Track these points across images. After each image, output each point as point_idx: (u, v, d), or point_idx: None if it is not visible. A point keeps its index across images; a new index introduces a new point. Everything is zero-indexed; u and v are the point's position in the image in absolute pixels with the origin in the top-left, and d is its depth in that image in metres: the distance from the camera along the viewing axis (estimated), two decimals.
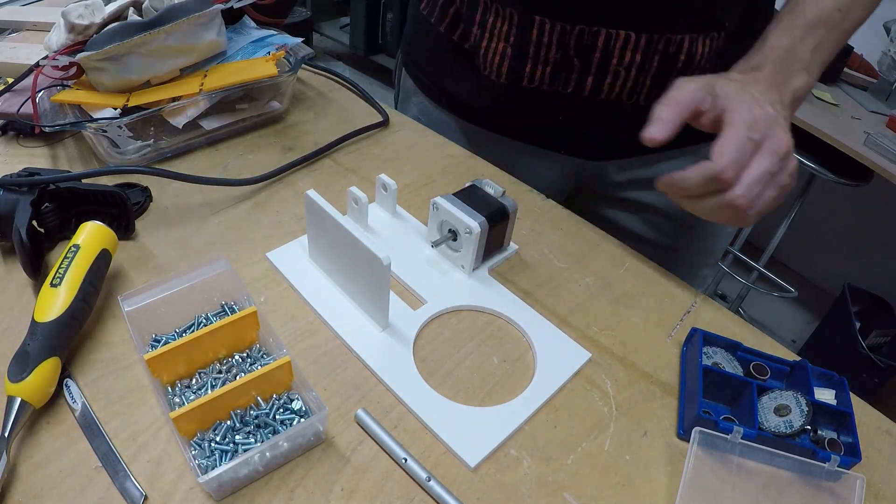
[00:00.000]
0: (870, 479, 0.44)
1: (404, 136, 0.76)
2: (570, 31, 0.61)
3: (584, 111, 0.67)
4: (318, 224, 0.52)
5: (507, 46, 0.64)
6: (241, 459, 0.37)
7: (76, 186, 0.54)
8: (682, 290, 0.59)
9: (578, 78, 0.64)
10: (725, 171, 0.47)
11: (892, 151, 1.46)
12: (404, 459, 0.42)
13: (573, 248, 0.62)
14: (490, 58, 0.66)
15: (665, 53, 0.61)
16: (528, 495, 0.41)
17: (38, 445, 0.41)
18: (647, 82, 0.64)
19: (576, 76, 0.64)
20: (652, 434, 0.46)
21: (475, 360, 0.50)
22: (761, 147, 0.48)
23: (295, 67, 0.71)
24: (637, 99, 0.65)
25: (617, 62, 0.62)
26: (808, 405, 0.45)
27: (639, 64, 0.62)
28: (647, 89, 0.64)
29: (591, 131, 0.70)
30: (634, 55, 0.61)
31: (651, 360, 0.51)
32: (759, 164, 0.48)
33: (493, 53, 0.66)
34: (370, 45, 2.85)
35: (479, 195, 0.57)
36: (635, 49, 0.61)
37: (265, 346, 0.47)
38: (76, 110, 0.64)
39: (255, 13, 0.79)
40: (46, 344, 0.42)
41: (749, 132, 0.48)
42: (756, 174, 0.47)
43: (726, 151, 0.47)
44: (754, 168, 0.48)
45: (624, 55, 0.61)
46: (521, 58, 0.64)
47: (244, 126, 0.72)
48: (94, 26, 0.63)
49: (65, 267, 0.46)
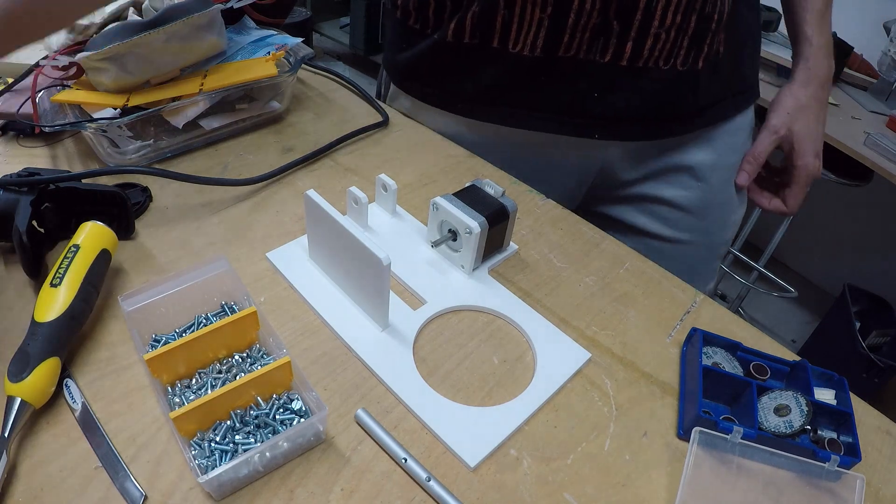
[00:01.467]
0: (870, 479, 0.44)
1: (404, 136, 0.76)
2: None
3: (619, 81, 0.66)
4: (318, 224, 0.52)
5: (544, 17, 0.62)
6: (241, 459, 0.37)
7: (76, 186, 0.54)
8: (682, 290, 0.59)
9: (617, 44, 0.63)
10: (792, 211, 0.76)
11: (892, 151, 1.46)
12: (404, 459, 0.42)
13: (573, 248, 0.62)
14: (524, 32, 0.63)
15: (701, 13, 0.62)
16: (527, 495, 0.41)
17: (38, 445, 0.41)
18: (685, 44, 0.64)
19: (615, 42, 0.63)
20: (652, 434, 0.46)
21: (475, 360, 0.50)
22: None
23: (295, 67, 0.71)
24: (674, 62, 0.65)
25: (658, 24, 0.62)
26: (808, 405, 0.45)
27: (678, 24, 0.62)
28: (685, 51, 0.64)
29: (626, 104, 0.68)
30: (676, 16, 0.61)
31: (651, 360, 0.51)
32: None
33: (528, 27, 0.63)
34: (370, 45, 2.85)
35: (479, 195, 0.57)
36: (676, 9, 0.61)
37: (265, 346, 0.47)
38: (76, 110, 0.64)
39: (255, 13, 0.79)
40: (46, 344, 0.42)
41: (810, 181, 0.74)
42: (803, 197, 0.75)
43: (795, 203, 0.75)
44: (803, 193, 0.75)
45: (666, 16, 0.61)
46: (558, 28, 0.63)
47: (244, 126, 0.72)
48: (94, 26, 0.63)
49: (65, 267, 0.46)
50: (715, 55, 0.66)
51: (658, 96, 0.67)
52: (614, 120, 0.69)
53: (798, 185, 0.73)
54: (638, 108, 0.68)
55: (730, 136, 0.75)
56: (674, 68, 0.65)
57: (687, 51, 0.64)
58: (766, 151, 0.74)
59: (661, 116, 0.69)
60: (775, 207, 0.76)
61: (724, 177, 0.76)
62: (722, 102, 0.72)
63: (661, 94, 0.67)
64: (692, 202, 0.76)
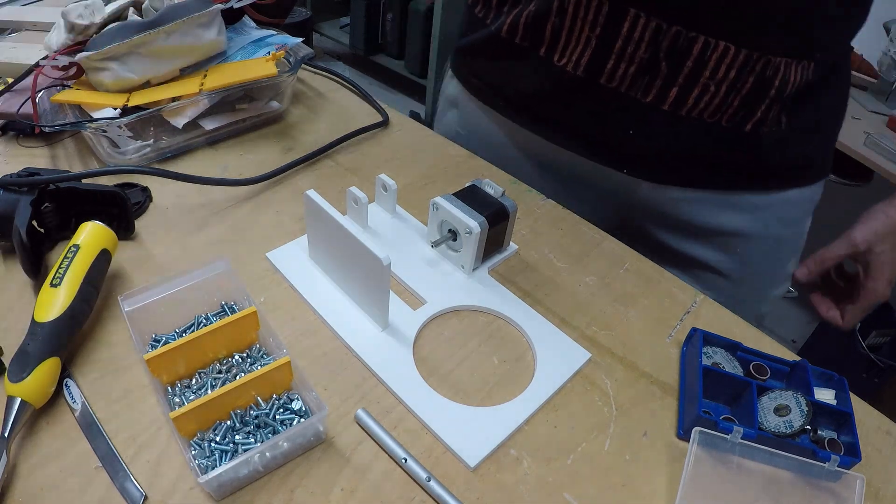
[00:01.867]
0: (870, 479, 0.44)
1: (404, 136, 0.76)
2: (666, 32, 0.57)
3: (659, 124, 0.62)
4: (318, 224, 0.52)
5: (592, 37, 0.60)
6: (241, 459, 0.37)
7: (76, 186, 0.54)
8: (682, 290, 0.59)
9: (663, 85, 0.60)
10: (846, 328, 0.66)
11: (892, 151, 1.45)
12: (404, 459, 0.42)
13: (573, 248, 0.62)
14: (571, 46, 0.62)
15: (761, 75, 0.57)
16: (527, 495, 0.41)
17: (38, 445, 0.41)
18: (735, 103, 0.59)
19: (660, 83, 0.60)
20: (652, 434, 0.46)
21: (475, 360, 0.50)
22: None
23: (295, 67, 0.71)
24: (720, 118, 0.61)
25: (710, 75, 0.58)
26: (808, 405, 0.45)
27: (731, 80, 0.58)
28: (734, 110, 0.60)
29: (663, 147, 0.65)
30: (730, 71, 0.57)
31: (651, 360, 0.51)
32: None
33: (576, 42, 0.61)
34: (370, 45, 2.85)
35: (479, 195, 0.57)
36: (732, 64, 0.57)
37: (265, 346, 0.47)
38: (76, 110, 0.64)
39: (255, 13, 0.79)
40: (46, 344, 0.42)
41: (875, 305, 0.65)
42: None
43: (851, 321, 0.66)
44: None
45: (719, 68, 0.57)
46: (604, 51, 0.60)
47: (244, 126, 0.72)
48: (94, 26, 0.63)
49: (65, 267, 0.46)
50: (774, 123, 0.61)
51: (698, 148, 0.64)
52: (646, 159, 0.67)
53: (861, 306, 0.66)
54: (674, 154, 0.65)
55: (782, 208, 0.69)
56: (718, 124, 0.61)
57: (736, 110, 0.60)
58: (836, 259, 0.67)
59: (698, 167, 0.66)
60: (831, 318, 0.69)
61: (766, 248, 0.71)
62: (777, 173, 0.67)
63: (701, 146, 0.63)
64: (724, 266, 0.72)
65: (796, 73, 0.58)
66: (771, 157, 0.65)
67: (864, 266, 0.67)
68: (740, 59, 0.57)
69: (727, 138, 0.62)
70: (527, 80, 0.68)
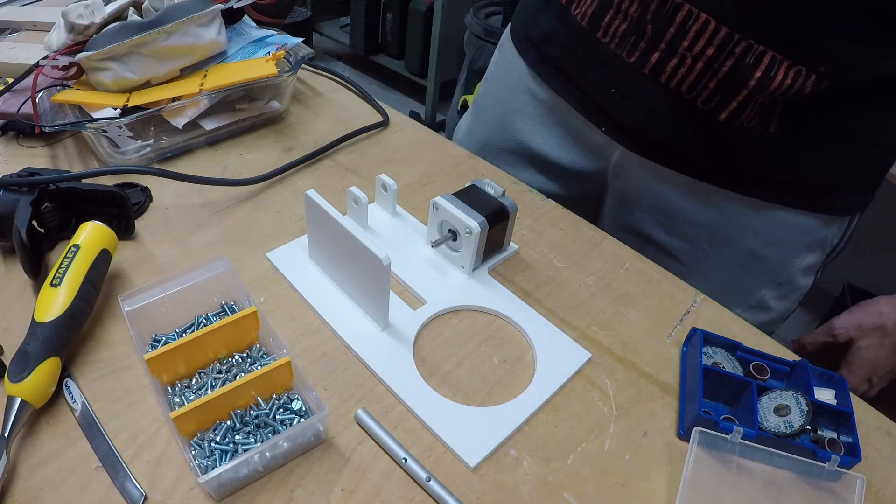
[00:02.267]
0: (870, 479, 0.44)
1: (404, 136, 0.76)
2: None
3: (639, 86, 0.62)
4: (318, 224, 0.52)
5: None
6: (241, 459, 0.37)
7: (76, 186, 0.54)
8: (682, 290, 0.59)
9: (646, 49, 0.59)
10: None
11: None
12: (404, 459, 0.42)
13: (573, 248, 0.62)
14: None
15: (740, 60, 0.55)
16: (527, 495, 0.41)
17: (38, 445, 0.41)
18: (711, 85, 0.57)
19: (643, 46, 0.59)
20: (652, 434, 0.46)
21: (475, 360, 0.50)
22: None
23: (295, 67, 0.71)
24: (695, 97, 0.59)
25: (688, 46, 0.56)
26: (808, 405, 0.45)
27: (708, 58, 0.56)
28: (710, 92, 0.58)
29: (639, 115, 0.64)
30: (707, 47, 0.56)
31: (651, 360, 0.51)
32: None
33: None
34: (370, 45, 2.85)
35: (479, 195, 0.57)
36: (711, 40, 0.55)
37: (265, 346, 0.47)
38: (76, 110, 0.64)
39: (255, 13, 0.79)
40: (46, 344, 0.42)
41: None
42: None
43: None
44: None
45: (697, 41, 0.56)
46: (607, 2, 0.62)
47: (244, 126, 0.72)
48: (94, 26, 0.63)
49: (65, 267, 0.46)
50: (756, 123, 0.58)
51: (672, 123, 0.62)
52: (622, 124, 0.66)
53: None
54: (648, 125, 0.64)
55: (763, 223, 0.65)
56: (693, 103, 0.59)
57: (712, 93, 0.58)
58: (816, 345, 0.67)
59: (671, 144, 0.64)
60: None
61: (735, 258, 0.68)
62: (760, 181, 0.63)
63: (676, 124, 0.62)
64: (685, 257, 0.70)
65: (787, 76, 0.54)
66: (748, 158, 0.61)
67: (843, 361, 0.66)
68: (719, 37, 0.55)
69: (701, 122, 0.60)
70: (543, 23, 0.72)
